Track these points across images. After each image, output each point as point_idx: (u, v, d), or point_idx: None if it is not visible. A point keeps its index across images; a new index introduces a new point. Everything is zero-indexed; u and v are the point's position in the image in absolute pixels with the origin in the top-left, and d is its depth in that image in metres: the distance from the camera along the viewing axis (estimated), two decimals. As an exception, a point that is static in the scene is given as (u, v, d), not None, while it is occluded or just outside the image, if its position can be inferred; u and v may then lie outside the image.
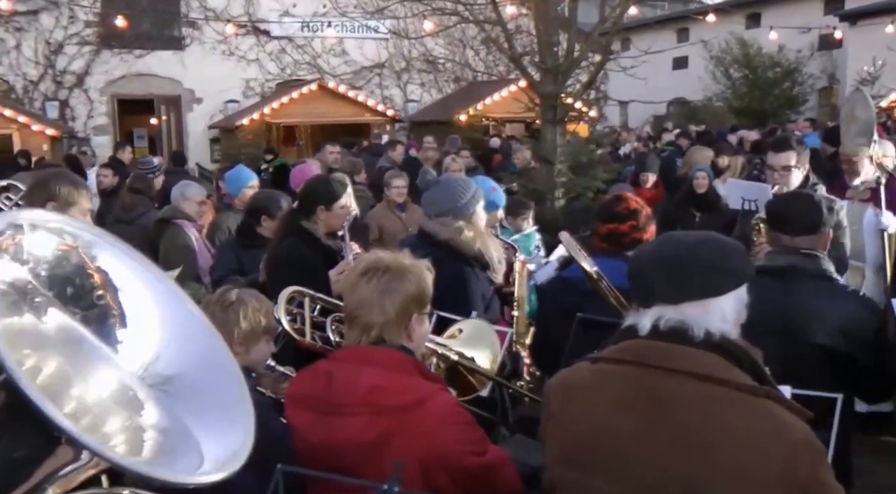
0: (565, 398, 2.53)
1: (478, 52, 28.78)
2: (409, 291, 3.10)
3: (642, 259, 2.53)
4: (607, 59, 11.95)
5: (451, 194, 5.10)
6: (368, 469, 2.79)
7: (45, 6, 24.74)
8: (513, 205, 7.84)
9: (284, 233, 5.47)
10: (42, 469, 1.27)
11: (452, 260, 4.82)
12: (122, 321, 1.45)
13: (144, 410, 1.39)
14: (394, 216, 8.87)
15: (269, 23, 26.72)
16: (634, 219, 4.74)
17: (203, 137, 26.85)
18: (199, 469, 1.32)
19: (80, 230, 1.45)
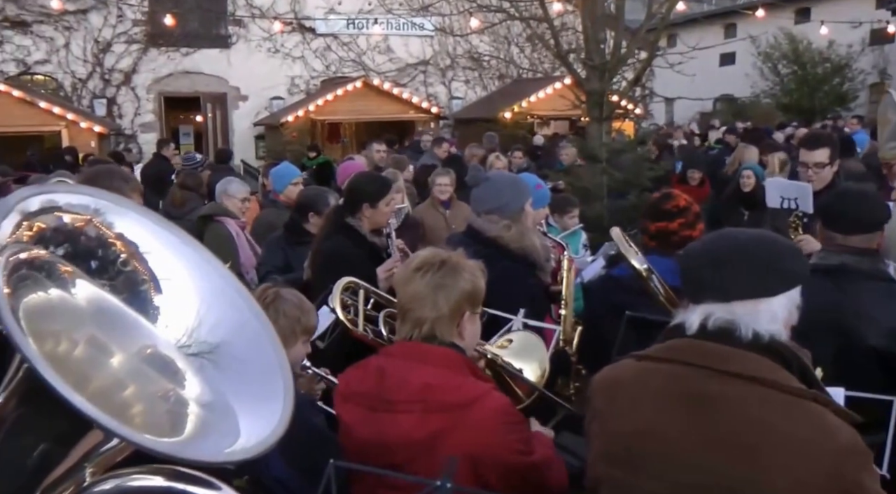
0: (609, 395, 2.50)
1: (523, 49, 28.70)
2: (463, 288, 3.09)
3: (694, 254, 2.49)
4: (654, 55, 11.85)
5: (500, 192, 5.07)
6: (419, 467, 2.79)
7: (94, 5, 25.00)
8: (559, 202, 7.80)
9: (329, 230, 5.47)
10: (77, 450, 1.27)
11: (500, 258, 4.79)
12: (157, 287, 1.43)
13: (186, 381, 1.38)
14: (437, 213, 8.86)
15: (314, 20, 26.79)
16: (684, 217, 4.70)
17: (248, 134, 27.00)
18: (233, 446, 1.30)
19: (90, 198, 1.42)
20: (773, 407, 2.23)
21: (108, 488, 1.33)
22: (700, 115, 35.41)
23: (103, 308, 1.37)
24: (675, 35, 19.28)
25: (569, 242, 6.23)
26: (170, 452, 1.20)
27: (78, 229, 1.38)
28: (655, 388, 2.38)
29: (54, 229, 1.35)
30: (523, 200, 5.11)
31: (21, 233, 1.31)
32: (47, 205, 1.36)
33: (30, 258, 1.30)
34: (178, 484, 1.34)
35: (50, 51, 24.87)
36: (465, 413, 2.88)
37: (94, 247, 1.39)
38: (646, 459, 2.34)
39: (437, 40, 27.54)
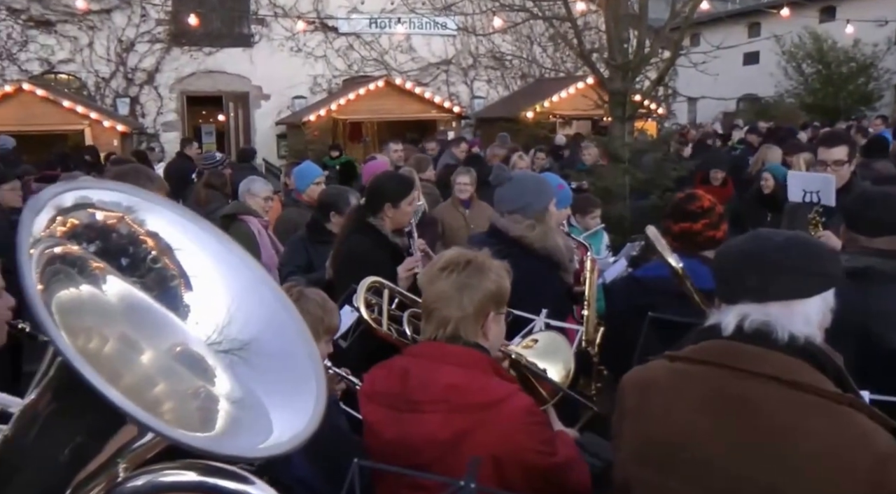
0: (642, 396, 2.48)
1: (545, 48, 28.65)
2: (488, 288, 3.09)
3: (730, 254, 2.47)
4: (677, 54, 11.80)
5: (524, 191, 5.07)
6: (443, 467, 2.79)
7: (118, 5, 25.11)
8: (581, 202, 7.78)
9: (351, 230, 5.48)
10: (111, 446, 1.27)
11: (523, 258, 4.79)
12: (188, 284, 1.43)
13: (217, 378, 1.38)
14: (457, 213, 8.85)
15: (337, 19, 26.82)
16: (708, 218, 4.69)
17: (270, 133, 27.05)
18: (266, 441, 1.30)
19: (123, 195, 1.43)
20: (810, 411, 2.20)
21: (140, 483, 1.33)
22: (723, 115, 35.23)
23: (134, 305, 1.38)
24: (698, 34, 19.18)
25: (591, 243, 6.22)
26: (204, 447, 1.20)
27: (110, 226, 1.38)
28: (690, 390, 2.36)
29: (87, 225, 1.36)
30: (547, 200, 5.10)
31: (55, 228, 1.31)
32: (81, 202, 1.37)
33: (62, 253, 1.31)
34: (211, 479, 1.35)
35: (74, 50, 25.00)
36: (489, 414, 2.89)
37: (126, 244, 1.40)
38: (679, 462, 2.33)
39: (460, 39, 27.51)
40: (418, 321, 3.56)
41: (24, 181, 11.90)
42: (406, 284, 4.88)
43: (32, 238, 1.26)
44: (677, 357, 2.47)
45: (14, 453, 1.34)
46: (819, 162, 6.23)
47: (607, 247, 7.72)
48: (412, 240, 5.35)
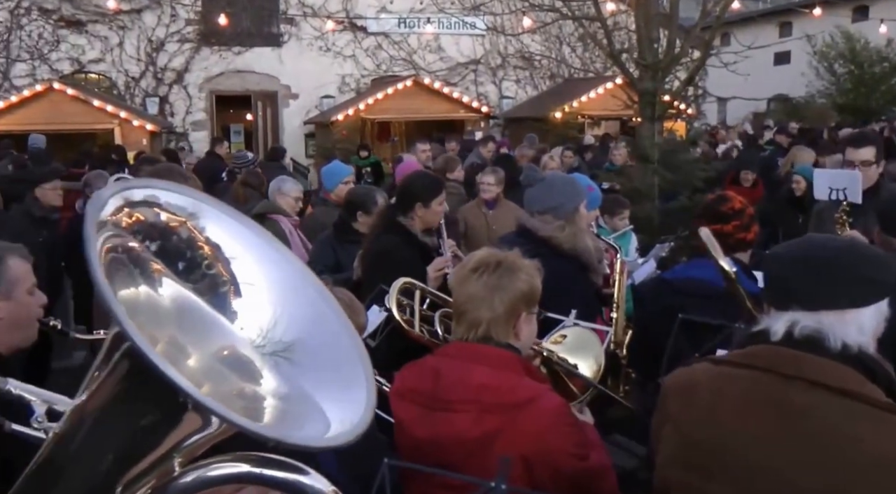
0: (686, 400, 2.45)
1: (574, 48, 28.57)
2: (519, 289, 3.08)
3: (783, 259, 2.42)
4: (708, 54, 11.72)
5: (554, 192, 5.06)
6: (473, 467, 2.79)
7: (148, 5, 25.30)
8: (610, 203, 7.73)
9: (381, 230, 5.48)
10: (170, 438, 1.28)
11: (551, 259, 4.77)
12: (237, 291, 1.46)
13: (263, 378, 1.39)
14: (479, 213, 8.81)
15: (365, 19, 26.87)
16: (739, 219, 4.65)
17: (298, 133, 27.15)
18: (326, 433, 1.32)
19: (188, 199, 1.46)
20: (860, 420, 2.16)
21: (196, 476, 1.35)
22: (753, 115, 35.02)
23: (185, 308, 1.40)
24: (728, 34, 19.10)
25: (620, 244, 6.19)
26: (274, 436, 1.21)
27: (172, 229, 1.42)
28: (736, 395, 2.33)
29: (151, 224, 1.40)
30: (578, 201, 5.08)
31: (120, 218, 1.34)
32: (149, 199, 1.40)
33: (126, 247, 1.34)
34: (266, 470, 1.36)
35: (104, 50, 25.21)
36: (520, 414, 2.88)
37: (184, 248, 1.43)
38: (723, 467, 2.29)
39: (489, 39, 27.48)
40: (450, 320, 3.56)
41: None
42: (436, 284, 4.88)
43: (99, 220, 1.29)
44: (722, 360, 2.44)
45: (67, 449, 1.36)
46: (846, 162, 6.17)
47: (636, 248, 7.67)
48: (442, 240, 5.35)
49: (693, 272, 4.77)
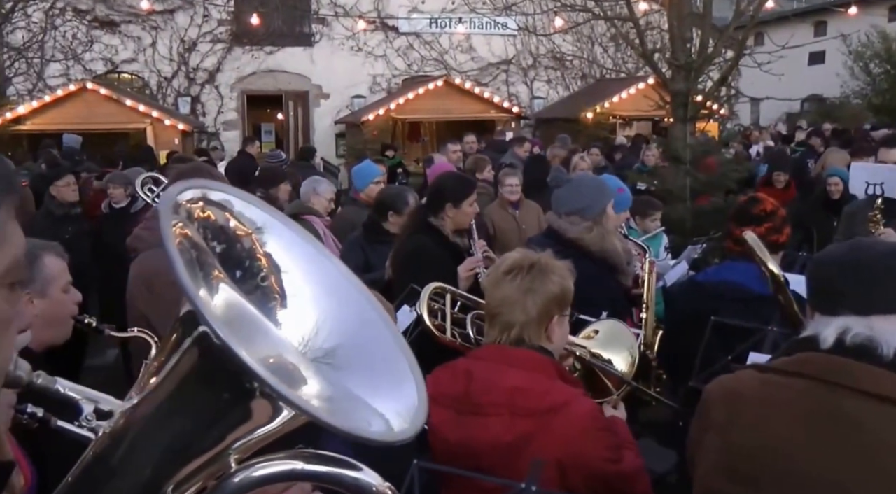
0: (731, 408, 2.39)
1: (606, 48, 28.47)
2: (551, 291, 3.08)
3: (830, 264, 2.37)
4: (741, 54, 11.62)
5: (581, 193, 5.04)
6: (506, 470, 2.79)
7: (181, 5, 25.47)
8: (641, 205, 7.69)
9: (412, 230, 5.48)
10: (232, 433, 1.29)
11: (579, 260, 4.74)
12: (283, 302, 1.48)
13: (307, 384, 1.39)
14: (507, 214, 8.77)
15: (397, 19, 26.89)
16: (771, 221, 4.62)
17: (329, 132, 27.21)
18: (389, 428, 1.32)
19: (260, 213, 1.50)
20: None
21: (250, 473, 1.35)
22: (787, 116, 34.74)
23: (237, 315, 1.41)
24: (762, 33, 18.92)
25: (650, 245, 6.15)
26: (347, 428, 1.20)
27: (237, 236, 1.44)
28: (785, 404, 2.28)
29: (221, 226, 1.42)
30: (605, 202, 5.06)
31: (194, 208, 1.36)
32: (224, 204, 1.44)
33: (194, 243, 1.35)
34: (320, 467, 1.37)
35: (137, 50, 25.41)
36: (552, 419, 2.87)
37: (245, 258, 1.46)
38: (771, 477, 2.25)
39: (520, 39, 27.44)
40: (482, 322, 3.54)
41: (86, 178, 12.10)
42: (467, 284, 4.87)
43: (175, 202, 1.31)
44: (769, 368, 2.39)
45: (117, 449, 1.36)
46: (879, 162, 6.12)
47: (666, 248, 7.62)
48: (473, 241, 5.34)
49: (725, 274, 4.74)
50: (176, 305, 3.68)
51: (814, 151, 15.59)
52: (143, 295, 4.55)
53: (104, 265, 8.65)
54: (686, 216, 10.05)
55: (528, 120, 27.64)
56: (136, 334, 3.46)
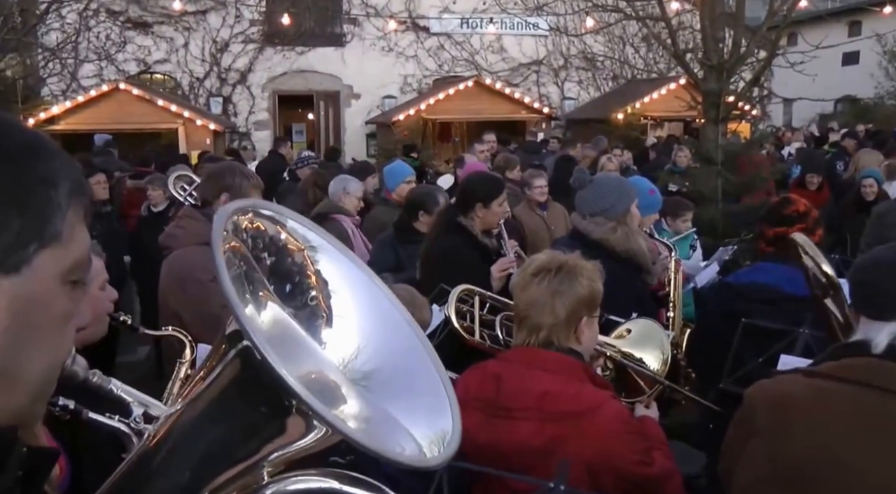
0: (779, 413, 2.35)
1: (637, 49, 28.34)
2: (580, 293, 3.06)
3: (877, 267, 2.32)
4: (774, 54, 11.53)
5: (605, 194, 5.02)
6: (535, 474, 2.78)
7: (213, 6, 25.60)
8: (672, 206, 7.65)
9: (441, 230, 5.47)
10: (268, 445, 1.30)
11: (604, 261, 4.71)
12: (329, 321, 1.51)
13: (346, 404, 1.42)
14: (535, 215, 8.75)
15: (428, 19, 26.91)
16: (803, 222, 4.60)
17: (360, 132, 27.26)
18: (419, 454, 1.34)
19: (314, 235, 1.54)
20: None
21: (284, 487, 1.38)
22: (820, 117, 34.44)
23: (282, 331, 1.44)
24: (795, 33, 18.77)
25: (678, 246, 6.12)
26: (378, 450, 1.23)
27: (288, 250, 1.48)
28: (837, 411, 2.23)
29: (271, 237, 1.46)
30: (628, 202, 5.04)
31: (242, 220, 1.40)
32: (275, 217, 1.48)
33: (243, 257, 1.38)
34: (352, 488, 1.40)
35: (169, 51, 25.58)
36: (582, 422, 2.87)
37: (295, 272, 1.49)
38: (822, 484, 2.21)
39: (551, 40, 27.38)
40: (511, 324, 3.53)
41: (119, 178, 12.20)
42: (499, 284, 4.86)
43: (229, 212, 1.35)
44: (816, 373, 2.35)
45: (158, 453, 1.38)
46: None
47: (692, 247, 7.58)
48: (503, 241, 5.33)
49: (757, 276, 4.71)
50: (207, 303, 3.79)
51: (845, 152, 15.45)
52: (175, 292, 4.59)
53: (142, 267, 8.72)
54: (717, 217, 10.00)
55: (558, 121, 27.57)
56: (170, 333, 3.48)
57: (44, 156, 1.14)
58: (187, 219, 4.90)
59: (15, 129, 1.15)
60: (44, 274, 1.13)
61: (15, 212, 1.09)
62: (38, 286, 1.13)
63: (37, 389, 1.19)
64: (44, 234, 1.12)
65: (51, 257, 1.13)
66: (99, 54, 25.01)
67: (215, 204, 4.71)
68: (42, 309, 1.15)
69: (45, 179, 1.13)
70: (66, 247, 1.15)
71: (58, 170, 1.15)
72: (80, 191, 1.18)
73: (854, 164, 12.45)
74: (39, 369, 1.18)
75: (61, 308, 1.18)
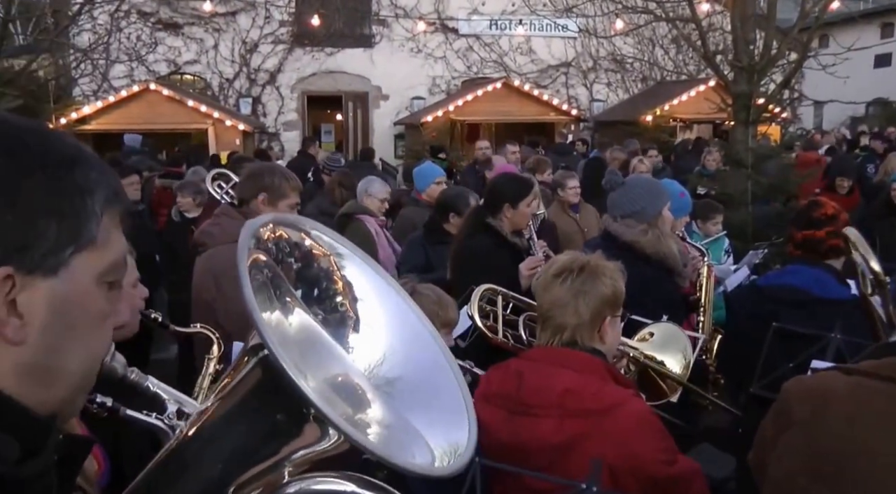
0: (816, 408, 2.34)
1: (667, 50, 28.22)
2: (603, 293, 3.07)
3: None
4: (806, 56, 11.45)
5: (636, 196, 5.00)
6: (555, 472, 2.78)
7: (243, 7, 25.71)
8: (703, 208, 7.63)
9: (470, 231, 5.48)
10: (287, 447, 1.35)
11: (635, 263, 4.71)
12: (356, 327, 1.55)
13: (371, 408, 1.46)
14: (568, 217, 8.72)
15: (457, 20, 26.92)
16: (832, 225, 4.57)
17: (388, 133, 27.30)
18: (432, 463, 1.38)
19: (336, 242, 1.57)
20: None
21: (304, 487, 1.42)
22: (851, 120, 34.15)
23: (309, 335, 1.49)
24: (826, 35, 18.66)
25: (710, 249, 6.09)
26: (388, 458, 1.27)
27: (314, 255, 1.53)
28: (876, 408, 2.22)
29: (296, 243, 1.51)
30: (660, 205, 5.02)
31: (264, 231, 1.45)
32: (298, 225, 1.53)
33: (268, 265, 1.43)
34: (369, 493, 1.43)
35: (199, 51, 25.71)
36: (603, 420, 2.87)
37: (321, 277, 1.54)
38: (859, 481, 2.20)
39: (580, 42, 27.31)
40: (535, 324, 3.54)
41: (148, 177, 12.29)
42: (528, 283, 4.86)
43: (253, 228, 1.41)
44: (856, 370, 2.34)
45: (192, 447, 1.45)
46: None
47: (727, 252, 7.55)
48: (532, 242, 5.33)
49: (787, 278, 4.69)
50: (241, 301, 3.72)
51: (876, 155, 15.31)
52: (209, 289, 4.64)
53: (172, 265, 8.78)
54: (747, 220, 9.94)
55: (586, 122, 27.51)
56: (199, 330, 3.52)
57: (81, 166, 1.22)
58: (224, 217, 4.95)
59: (54, 141, 1.22)
60: (80, 275, 1.21)
61: (53, 220, 1.17)
62: (75, 287, 1.20)
63: (76, 383, 1.27)
64: (79, 239, 1.20)
65: (87, 260, 1.21)
66: (130, 55, 25.17)
67: (252, 203, 4.77)
68: (79, 308, 1.22)
69: (82, 188, 1.21)
70: (102, 250, 1.24)
71: (94, 179, 1.23)
72: (115, 198, 1.27)
73: (884, 168, 12.35)
74: (78, 364, 1.25)
75: (98, 307, 1.26)
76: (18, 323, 1.14)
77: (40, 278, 1.16)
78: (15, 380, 1.16)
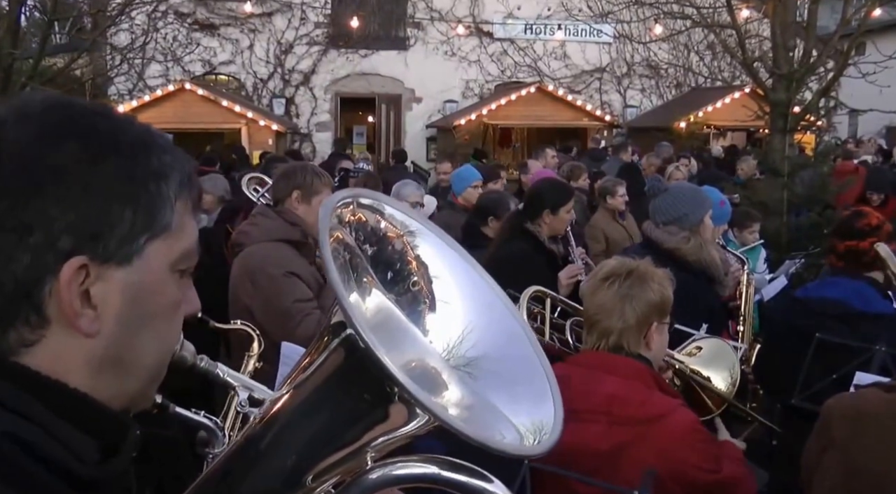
0: (854, 427, 2.33)
1: (703, 57, 28.06)
2: (650, 299, 3.06)
3: None
4: (846, 64, 11.33)
5: (679, 203, 4.97)
6: (601, 477, 2.78)
7: (279, 8, 25.84)
8: (740, 217, 7.58)
9: (508, 235, 5.48)
10: (371, 432, 1.32)
11: (676, 271, 4.67)
12: (432, 307, 1.52)
13: (447, 390, 1.44)
14: (617, 224, 8.69)
15: (492, 24, 26.92)
16: (876, 236, 4.52)
17: (420, 136, 27.32)
18: (521, 442, 1.37)
19: (410, 219, 1.54)
20: None
21: (387, 471, 1.38)
22: (887, 130, 33.81)
23: (385, 317, 1.47)
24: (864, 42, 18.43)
25: (748, 257, 6.06)
26: (478, 438, 1.23)
27: (389, 239, 1.50)
28: None
29: (372, 228, 1.48)
30: (703, 212, 4.99)
31: (345, 212, 1.42)
32: (375, 206, 1.49)
33: (347, 246, 1.41)
34: (454, 474, 1.38)
35: (235, 52, 25.88)
36: (650, 429, 2.86)
37: (396, 260, 1.51)
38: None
39: (615, 47, 27.24)
40: (581, 329, 3.53)
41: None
42: (567, 291, 4.85)
43: (334, 203, 1.38)
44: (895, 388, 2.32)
45: (268, 433, 1.42)
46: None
47: (765, 261, 7.50)
48: (570, 248, 5.32)
49: (827, 291, 4.64)
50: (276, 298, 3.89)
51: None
52: (245, 287, 4.68)
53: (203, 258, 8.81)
54: (782, 230, 9.85)
55: (620, 128, 27.42)
56: (239, 326, 3.54)
57: (155, 150, 1.19)
58: (260, 217, 5.00)
59: (127, 125, 1.20)
60: (154, 264, 1.19)
61: (128, 207, 1.15)
62: (149, 276, 1.19)
63: (150, 375, 1.26)
64: (154, 226, 1.18)
65: (161, 248, 1.19)
66: (166, 55, 25.37)
67: (287, 202, 4.83)
68: (153, 297, 1.21)
69: (157, 173, 1.18)
70: (176, 237, 1.21)
71: (168, 163, 1.21)
72: (189, 184, 1.24)
73: (921, 179, 12.20)
74: (152, 355, 1.25)
75: (171, 296, 1.24)
76: (92, 315, 1.12)
77: (114, 267, 1.14)
78: (88, 375, 1.14)
